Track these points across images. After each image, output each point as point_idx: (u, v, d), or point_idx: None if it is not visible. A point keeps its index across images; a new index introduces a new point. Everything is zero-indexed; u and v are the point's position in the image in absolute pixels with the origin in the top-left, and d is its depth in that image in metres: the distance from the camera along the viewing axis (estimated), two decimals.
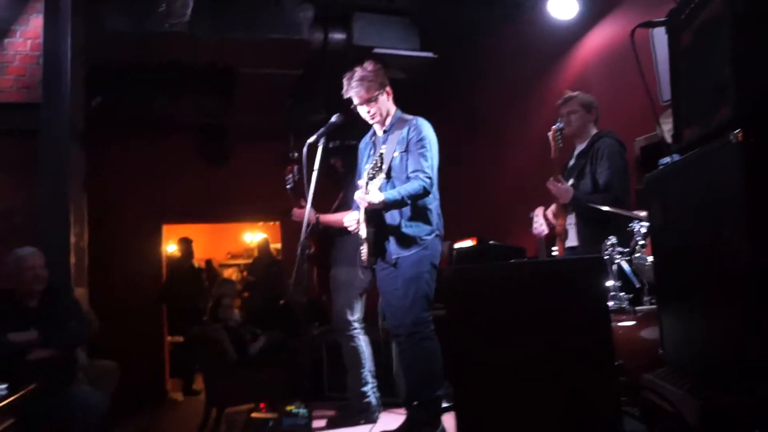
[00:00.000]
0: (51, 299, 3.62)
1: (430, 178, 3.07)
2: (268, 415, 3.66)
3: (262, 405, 3.87)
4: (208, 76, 6.33)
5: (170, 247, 8.73)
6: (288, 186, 3.69)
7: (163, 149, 7.47)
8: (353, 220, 3.27)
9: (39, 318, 3.48)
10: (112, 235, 6.56)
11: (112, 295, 6.14)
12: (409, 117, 3.26)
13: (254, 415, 3.71)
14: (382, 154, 3.08)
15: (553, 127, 3.10)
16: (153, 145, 7.40)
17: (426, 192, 3.06)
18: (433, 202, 3.17)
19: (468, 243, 4.83)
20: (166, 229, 8.05)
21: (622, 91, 3.88)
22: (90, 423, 3.32)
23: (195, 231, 10.13)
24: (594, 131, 3.28)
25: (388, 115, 3.27)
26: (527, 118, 5.21)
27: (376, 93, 3.19)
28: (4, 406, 2.50)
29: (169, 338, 7.74)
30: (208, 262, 9.69)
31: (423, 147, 3.12)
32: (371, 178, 3.01)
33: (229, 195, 7.53)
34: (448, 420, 3.13)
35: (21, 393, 2.72)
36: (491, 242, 4.32)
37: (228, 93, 6.49)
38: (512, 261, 3.33)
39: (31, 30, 4.56)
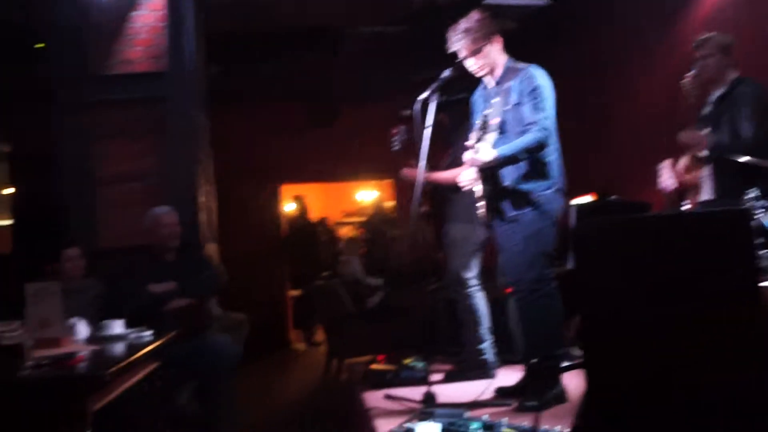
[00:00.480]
0: (185, 254, 3.90)
1: (546, 129, 2.92)
2: (387, 367, 3.76)
3: (380, 357, 3.98)
4: (315, 38, 6.41)
5: (288, 206, 9.07)
6: (395, 147, 3.66)
7: (276, 112, 7.70)
8: (468, 178, 3.21)
9: (175, 271, 3.75)
10: (234, 195, 6.90)
11: (237, 251, 6.50)
12: (521, 66, 3.10)
13: (373, 366, 3.82)
14: (487, 113, 2.99)
15: (687, 74, 2.85)
16: (267, 109, 7.65)
17: (541, 145, 2.92)
18: (551, 155, 3.02)
19: (587, 199, 4.64)
20: (284, 189, 8.36)
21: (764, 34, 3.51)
22: (225, 367, 3.57)
23: (310, 191, 10.48)
24: (734, 75, 2.99)
25: (496, 66, 3.14)
26: (651, 65, 4.85)
27: (482, 44, 3.06)
28: (150, 351, 2.72)
29: (290, 292, 8.11)
30: (323, 220, 9.98)
31: (536, 97, 2.96)
32: (482, 136, 2.93)
33: (341, 154, 7.69)
34: (568, 380, 3.07)
35: (163, 339, 2.95)
36: (613, 197, 4.11)
37: (336, 54, 6.54)
38: (643, 212, 3.14)
39: (155, 1, 4.80)
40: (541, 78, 3.02)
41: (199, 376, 3.64)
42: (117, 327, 2.98)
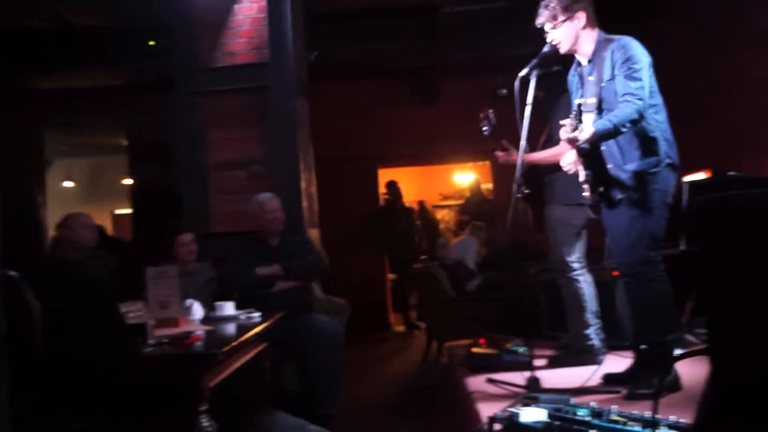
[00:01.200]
0: (288, 238, 4.03)
1: (641, 99, 2.73)
2: (488, 351, 3.72)
3: (481, 341, 3.94)
4: (413, 17, 6.38)
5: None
6: (484, 132, 3.55)
7: (374, 94, 7.76)
8: (570, 161, 3.07)
9: (279, 255, 3.89)
10: (333, 178, 7.03)
11: (337, 236, 6.64)
12: (613, 38, 2.94)
13: (474, 350, 3.79)
14: (586, 90, 2.85)
15: None
16: (364, 91, 7.72)
17: (639, 116, 2.75)
18: (657, 128, 2.84)
19: (700, 176, 4.35)
20: (381, 173, 8.43)
21: None
22: (328, 347, 3.67)
23: (407, 174, 10.51)
24: None
25: (581, 41, 2.99)
26: None
27: (562, 19, 2.93)
28: (259, 331, 2.84)
29: (389, 275, 8.21)
30: (421, 203, 10.00)
31: (630, 68, 2.78)
32: (580, 117, 2.80)
33: (439, 135, 7.63)
34: (681, 367, 2.92)
35: (271, 320, 3.07)
36: (730, 173, 3.83)
37: (434, 33, 6.49)
38: None
39: None
40: (634, 47, 2.85)
41: (303, 355, 3.76)
42: (229, 308, 3.13)
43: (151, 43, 6.23)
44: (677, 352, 2.91)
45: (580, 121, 2.78)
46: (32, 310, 1.95)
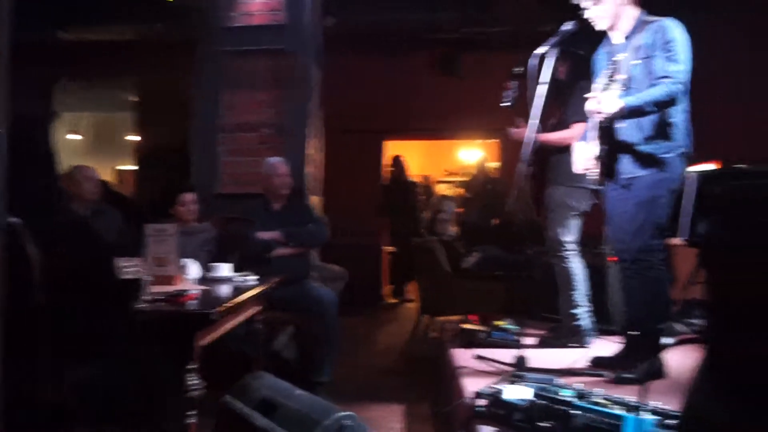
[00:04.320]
0: (292, 204, 4.02)
1: (680, 83, 2.68)
2: (479, 327, 3.73)
3: (472, 317, 3.95)
4: None
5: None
6: (506, 103, 3.50)
7: (388, 65, 7.64)
8: (587, 158, 2.99)
9: (282, 219, 3.89)
10: (340, 147, 6.98)
11: (338, 206, 6.62)
12: (653, 18, 2.86)
13: (464, 325, 3.80)
14: (617, 61, 2.78)
15: None
16: (379, 62, 7.60)
17: (672, 100, 2.68)
18: (678, 115, 2.78)
19: (709, 167, 4.30)
20: (388, 145, 8.37)
21: None
22: (324, 312, 3.69)
23: (414, 148, 10.44)
24: None
25: (621, 18, 2.91)
26: None
27: None
28: (254, 294, 2.84)
29: (386, 248, 8.21)
30: (426, 178, 9.98)
31: (670, 50, 2.71)
32: (605, 89, 2.74)
33: (451, 109, 7.54)
34: (668, 356, 2.92)
35: (267, 285, 3.07)
36: (740, 165, 3.78)
37: (457, 4, 6.37)
38: None
39: None
40: (677, 30, 2.77)
41: (298, 321, 3.78)
42: (225, 270, 3.13)
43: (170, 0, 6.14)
44: (665, 340, 2.90)
45: (604, 93, 2.71)
46: (30, 258, 1.95)
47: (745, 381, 0.98)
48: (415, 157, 10.48)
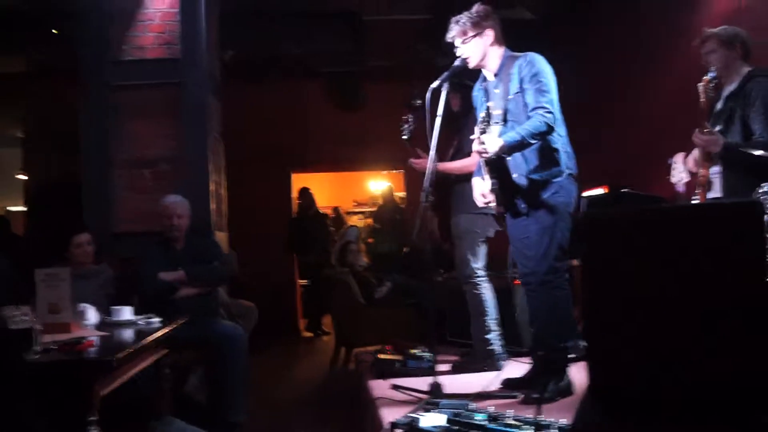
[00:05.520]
0: (195, 242, 3.91)
1: (551, 113, 2.87)
2: (394, 357, 3.76)
3: (388, 347, 3.97)
4: (335, 21, 6.38)
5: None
6: (404, 136, 3.63)
7: (290, 95, 7.69)
8: (484, 195, 3.12)
9: (185, 259, 3.78)
10: (246, 180, 6.91)
11: (247, 240, 6.52)
12: (519, 54, 3.07)
13: (381, 356, 3.82)
14: (490, 105, 2.95)
15: (705, 77, 2.78)
16: (280, 93, 7.63)
17: (549, 128, 2.87)
18: (558, 141, 2.97)
19: (598, 191, 4.60)
20: (295, 178, 8.36)
21: None
22: (233, 353, 3.58)
23: (322, 180, 10.48)
24: (745, 70, 2.93)
25: (488, 57, 3.11)
26: (669, 58, 4.78)
27: (472, 35, 3.04)
28: (158, 337, 2.74)
29: (299, 281, 8.14)
30: (336, 209, 10.00)
31: (539, 81, 2.92)
32: (486, 128, 2.90)
33: (355, 140, 7.66)
34: (575, 373, 3.06)
35: (172, 326, 2.97)
36: (624, 190, 4.07)
37: (356, 38, 6.52)
38: (656, 204, 3.10)
39: None
40: (542, 63, 2.99)
41: (207, 362, 3.66)
42: (126, 313, 3.00)
43: (55, 31, 5.90)
44: (571, 357, 3.04)
45: (486, 131, 2.86)
46: None
47: (617, 394, 1.05)
48: (324, 189, 10.51)
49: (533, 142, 2.88)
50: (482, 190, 3.10)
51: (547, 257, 2.96)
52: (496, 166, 3.00)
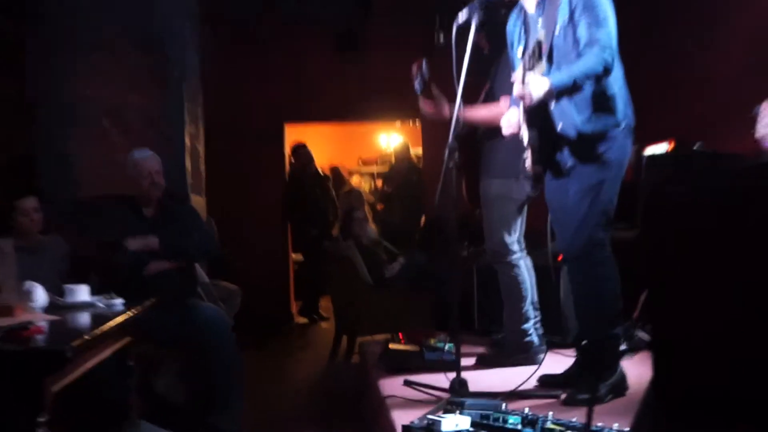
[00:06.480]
0: (169, 208, 3.89)
1: (610, 48, 2.78)
2: (408, 347, 3.76)
3: (400, 336, 3.98)
4: None
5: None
6: (416, 86, 3.54)
7: (288, 38, 7.59)
8: (512, 122, 3.11)
9: (157, 228, 3.75)
10: (226, 136, 6.88)
11: (229, 206, 6.52)
12: None
13: (392, 346, 3.82)
14: (535, 38, 2.88)
15: None
16: (277, 36, 7.54)
17: (606, 70, 2.78)
18: (614, 86, 2.89)
19: (662, 147, 4.53)
20: (289, 130, 8.30)
21: None
22: (215, 339, 3.57)
23: (321, 134, 10.42)
24: None
25: None
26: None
27: None
28: (121, 322, 2.74)
29: (293, 256, 8.15)
30: (335, 169, 9.94)
31: (593, 11, 2.82)
32: (529, 69, 2.83)
33: (362, 88, 7.57)
34: (628, 368, 3.04)
35: (138, 309, 2.97)
36: (696, 147, 4.01)
37: None
38: (739, 164, 3.03)
39: None
40: None
41: (185, 354, 3.67)
42: (82, 293, 3.00)
43: None
44: (624, 348, 3.02)
45: (528, 71, 2.79)
46: None
47: (689, 393, 1.02)
48: (324, 145, 10.46)
49: (586, 85, 2.81)
50: (512, 119, 3.05)
51: (586, 225, 2.92)
52: (538, 114, 2.94)
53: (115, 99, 4.59)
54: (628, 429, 2.13)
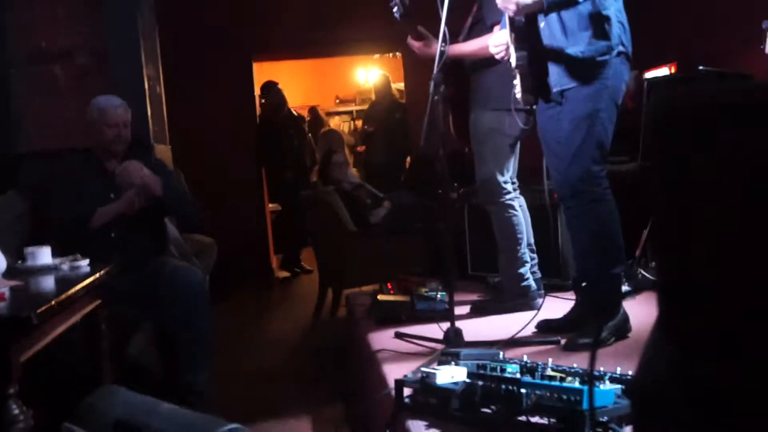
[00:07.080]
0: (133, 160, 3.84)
1: None
2: (398, 298, 3.81)
3: (389, 286, 4.02)
4: None
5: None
6: (395, 13, 3.49)
7: None
8: (501, 43, 3.11)
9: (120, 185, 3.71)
10: (190, 76, 6.80)
11: (197, 155, 6.49)
12: None
13: (381, 297, 3.87)
14: None
15: None
16: None
17: None
18: (611, 6, 2.90)
19: (663, 71, 4.54)
20: (259, 69, 8.21)
21: None
22: (188, 300, 3.60)
23: (293, 70, 10.32)
24: None
25: None
26: None
27: None
28: (89, 284, 2.75)
29: (270, 206, 8.15)
30: (313, 109, 9.90)
31: None
32: None
33: (336, 16, 7.47)
34: (631, 308, 3.11)
35: (106, 269, 2.98)
36: (701, 67, 4.01)
37: None
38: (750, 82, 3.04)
39: None
40: None
41: (157, 315, 3.69)
42: (44, 256, 3.00)
43: None
44: (626, 289, 3.08)
45: None
46: None
47: (701, 334, 1.05)
48: (298, 83, 10.38)
49: (579, 1, 2.80)
50: (501, 39, 3.05)
51: (581, 158, 2.94)
52: (526, 33, 2.93)
53: (65, 41, 4.51)
54: (631, 373, 2.19)
